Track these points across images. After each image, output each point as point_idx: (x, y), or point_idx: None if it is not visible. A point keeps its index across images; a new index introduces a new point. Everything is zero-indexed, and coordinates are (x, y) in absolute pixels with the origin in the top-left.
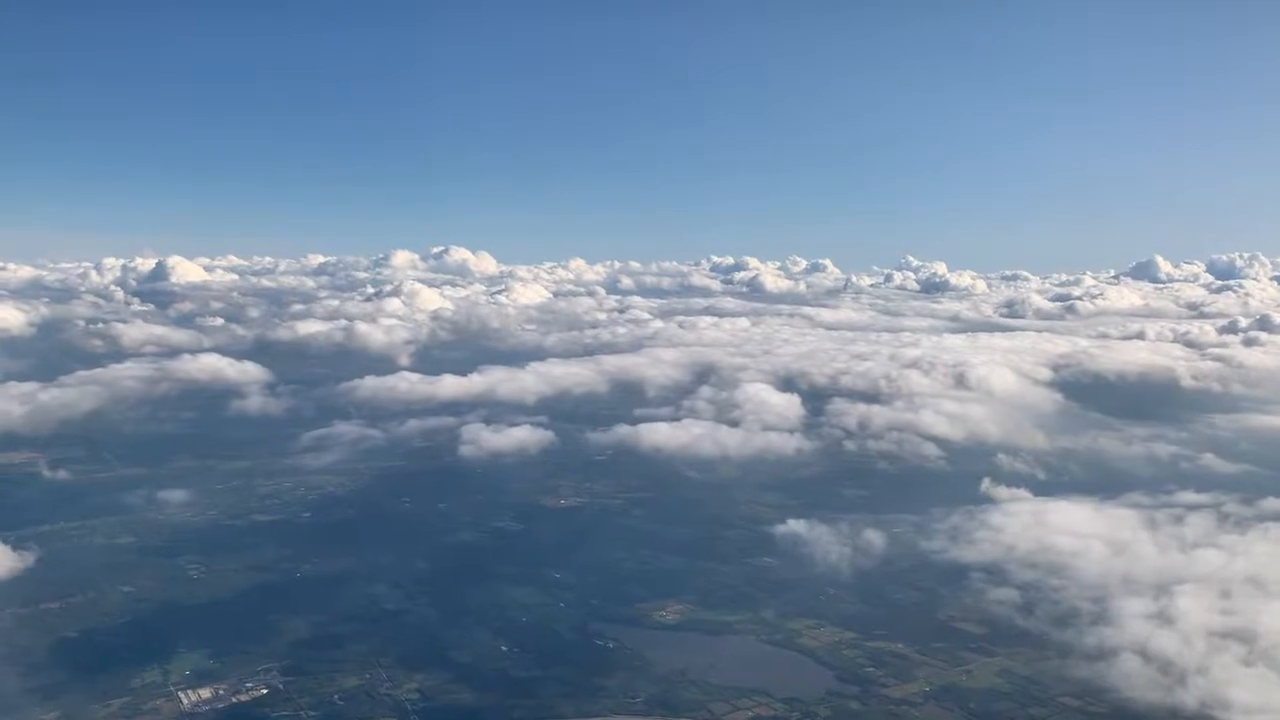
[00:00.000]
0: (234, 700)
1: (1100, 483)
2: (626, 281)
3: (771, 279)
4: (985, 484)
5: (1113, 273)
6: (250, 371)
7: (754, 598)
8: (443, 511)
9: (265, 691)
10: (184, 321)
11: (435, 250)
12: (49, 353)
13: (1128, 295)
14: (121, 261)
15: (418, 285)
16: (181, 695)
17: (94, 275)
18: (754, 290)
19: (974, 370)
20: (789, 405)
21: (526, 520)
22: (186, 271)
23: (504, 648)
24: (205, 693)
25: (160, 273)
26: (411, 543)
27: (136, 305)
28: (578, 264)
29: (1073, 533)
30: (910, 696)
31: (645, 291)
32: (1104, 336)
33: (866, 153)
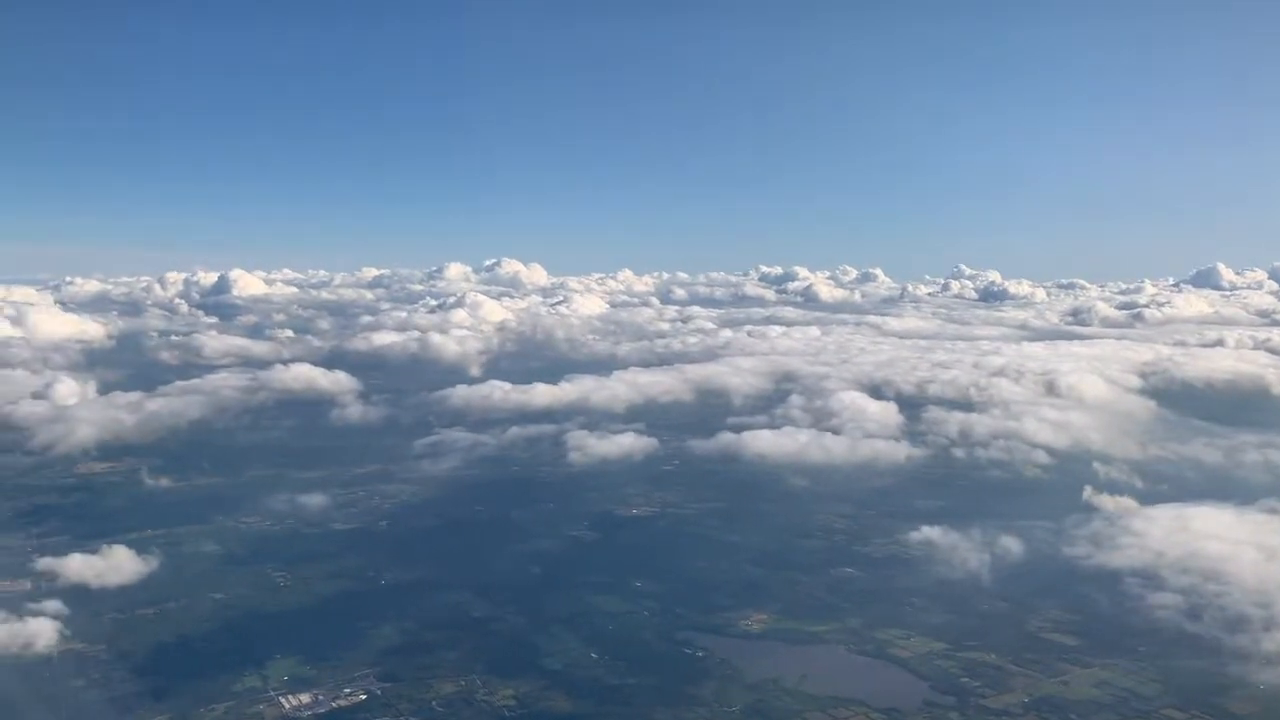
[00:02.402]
0: (333, 705)
1: (1222, 489)
2: (679, 292)
3: (826, 289)
4: (1104, 491)
5: (1172, 280)
6: (342, 381)
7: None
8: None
9: (364, 697)
10: (254, 333)
11: (488, 262)
12: (139, 364)
13: (1195, 302)
14: (184, 275)
15: (480, 297)
16: (282, 700)
17: (157, 289)
18: (808, 300)
19: (1064, 378)
20: (886, 413)
21: (637, 526)
22: (248, 285)
23: (594, 654)
24: (305, 698)
25: (222, 286)
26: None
27: (201, 317)
28: (626, 275)
29: (1219, 538)
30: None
31: (700, 301)
32: (1182, 344)
33: (911, 162)
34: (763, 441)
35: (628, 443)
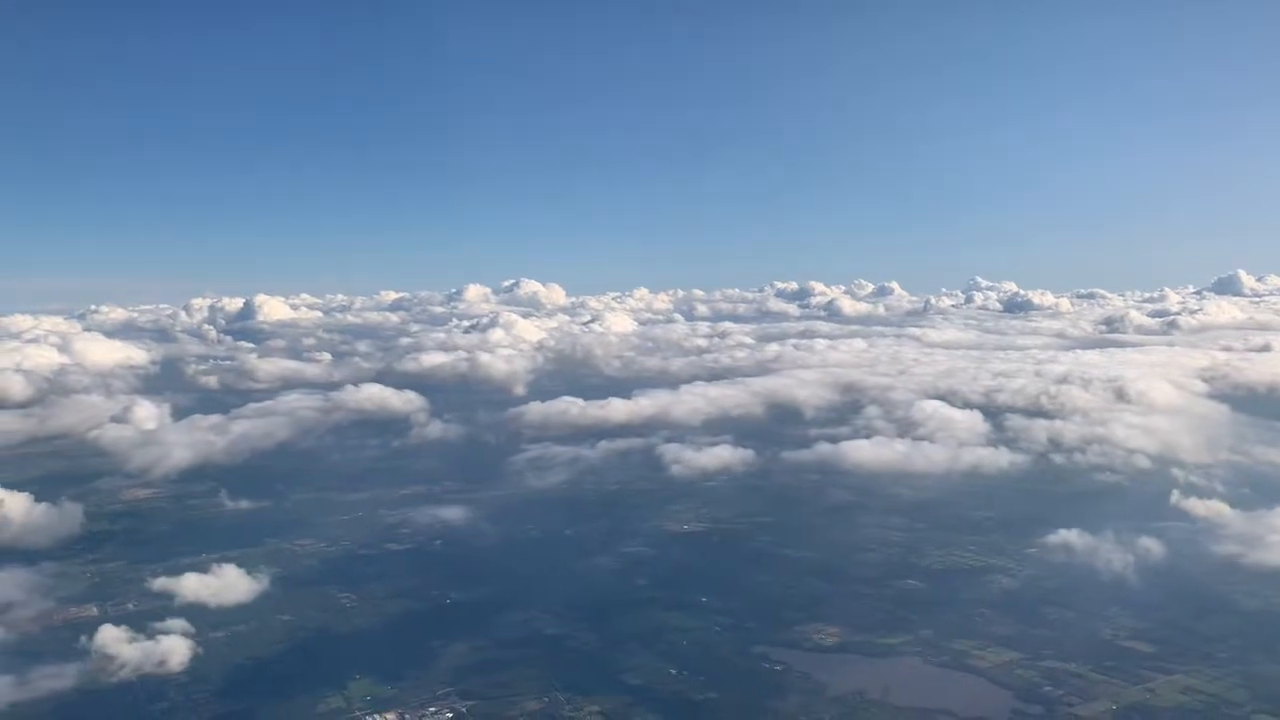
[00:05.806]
0: None
1: None
2: (701, 309)
3: (848, 303)
4: (1211, 496)
5: (1193, 288)
6: (414, 400)
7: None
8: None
9: (450, 715)
10: (290, 357)
11: (506, 283)
12: (194, 388)
13: (1227, 309)
14: (209, 302)
15: (514, 316)
16: None
17: (184, 316)
18: (832, 314)
19: (1131, 384)
20: (972, 421)
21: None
22: (273, 310)
23: (671, 670)
24: (390, 717)
25: (248, 312)
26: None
27: (232, 343)
28: (642, 293)
29: None
30: None
31: (725, 318)
32: (1229, 349)
33: (915, 176)
34: (862, 452)
35: (724, 455)
